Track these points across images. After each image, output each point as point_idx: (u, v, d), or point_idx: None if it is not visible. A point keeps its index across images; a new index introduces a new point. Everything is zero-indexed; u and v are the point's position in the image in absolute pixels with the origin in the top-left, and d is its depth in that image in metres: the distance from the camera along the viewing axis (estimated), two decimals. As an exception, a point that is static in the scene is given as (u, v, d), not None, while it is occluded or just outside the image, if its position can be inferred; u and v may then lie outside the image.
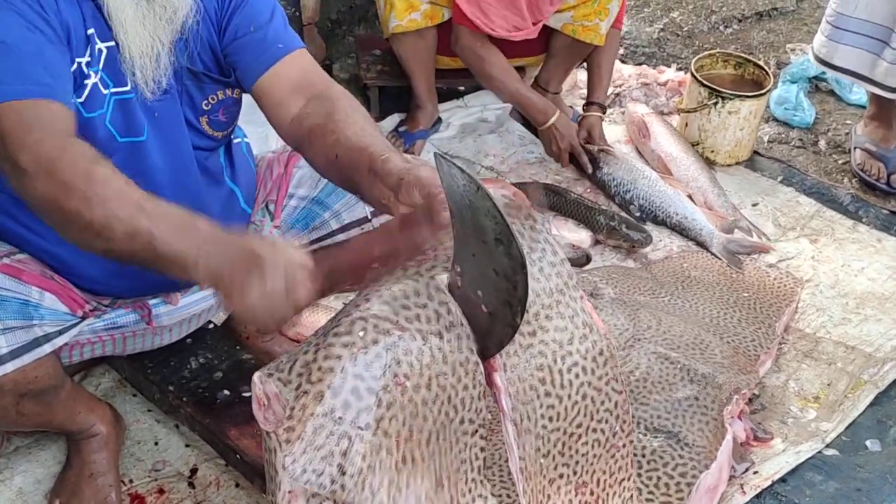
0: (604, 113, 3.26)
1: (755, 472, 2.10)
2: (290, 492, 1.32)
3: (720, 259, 2.79)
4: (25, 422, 1.87)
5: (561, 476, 1.48)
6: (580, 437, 1.47)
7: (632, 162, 3.16)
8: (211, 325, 2.32)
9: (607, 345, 1.45)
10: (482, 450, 1.42)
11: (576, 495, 1.51)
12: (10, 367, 1.69)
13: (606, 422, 1.49)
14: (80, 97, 1.64)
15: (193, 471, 2.13)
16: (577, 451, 1.48)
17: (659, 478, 1.93)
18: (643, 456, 1.97)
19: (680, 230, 2.97)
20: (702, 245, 2.89)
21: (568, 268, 1.43)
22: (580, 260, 2.80)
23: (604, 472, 1.53)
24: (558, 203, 3.03)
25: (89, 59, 1.65)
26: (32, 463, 2.14)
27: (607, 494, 1.55)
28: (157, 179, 1.78)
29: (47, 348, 1.73)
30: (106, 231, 1.40)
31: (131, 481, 2.11)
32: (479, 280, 1.32)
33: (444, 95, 3.49)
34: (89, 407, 2.03)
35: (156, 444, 2.20)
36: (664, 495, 1.91)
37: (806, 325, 2.57)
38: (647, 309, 2.37)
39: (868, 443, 2.22)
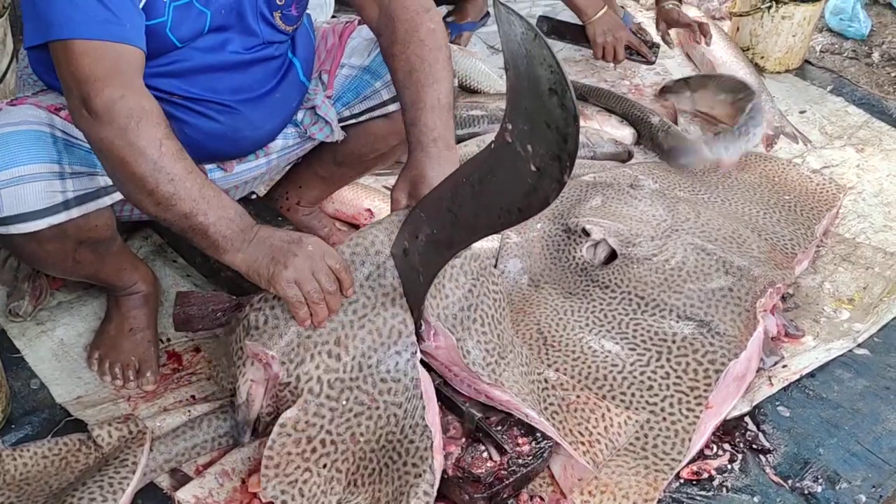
0: (680, 1, 3.16)
1: (784, 366, 2.11)
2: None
3: None
4: (79, 270, 1.91)
5: None
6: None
7: None
8: (253, 196, 2.33)
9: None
10: (427, 486, 1.68)
11: None
12: (75, 212, 1.73)
13: None
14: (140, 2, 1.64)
15: (230, 332, 2.18)
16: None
17: (688, 363, 1.95)
18: (673, 342, 1.99)
19: None
20: None
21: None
22: (622, 156, 2.79)
23: None
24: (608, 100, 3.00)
25: None
26: (74, 317, 2.20)
27: None
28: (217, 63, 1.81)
29: (107, 200, 1.77)
30: (166, 203, 1.55)
31: (169, 340, 2.16)
32: (530, 134, 1.31)
33: (494, -11, 3.43)
34: (134, 265, 2.07)
35: (195, 306, 2.24)
36: (692, 381, 1.93)
37: (846, 231, 2.56)
38: (686, 202, 2.36)
39: (901, 345, 2.22)
